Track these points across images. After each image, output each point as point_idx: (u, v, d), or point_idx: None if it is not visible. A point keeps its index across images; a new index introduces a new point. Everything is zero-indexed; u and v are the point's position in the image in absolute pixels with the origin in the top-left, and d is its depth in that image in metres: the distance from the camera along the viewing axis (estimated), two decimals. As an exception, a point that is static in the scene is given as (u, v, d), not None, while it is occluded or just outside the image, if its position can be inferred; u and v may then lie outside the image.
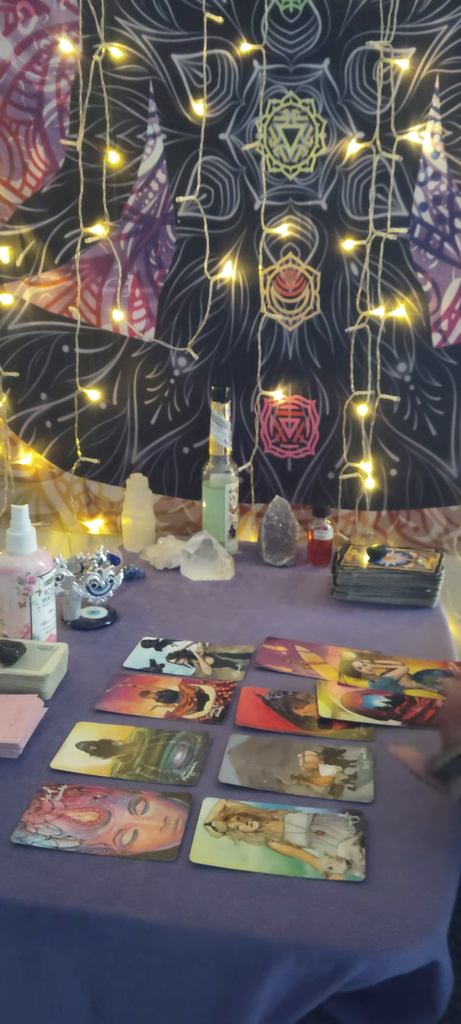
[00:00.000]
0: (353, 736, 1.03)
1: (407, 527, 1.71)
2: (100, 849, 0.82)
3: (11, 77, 1.66)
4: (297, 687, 1.14)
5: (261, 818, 0.87)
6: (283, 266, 1.66)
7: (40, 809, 0.88)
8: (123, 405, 1.76)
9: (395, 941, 0.72)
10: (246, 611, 1.39)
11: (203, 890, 0.77)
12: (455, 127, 1.55)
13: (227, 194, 1.64)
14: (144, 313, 1.72)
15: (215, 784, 0.93)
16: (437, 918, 0.75)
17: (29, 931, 0.76)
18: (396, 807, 0.90)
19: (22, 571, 1.17)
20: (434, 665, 1.21)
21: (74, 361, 1.75)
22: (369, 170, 1.59)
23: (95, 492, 1.81)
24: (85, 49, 1.62)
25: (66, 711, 1.07)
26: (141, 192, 1.67)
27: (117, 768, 0.96)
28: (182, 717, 1.07)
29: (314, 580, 1.54)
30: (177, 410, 1.74)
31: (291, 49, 1.57)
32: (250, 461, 1.74)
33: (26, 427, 1.80)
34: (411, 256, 1.61)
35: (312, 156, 1.61)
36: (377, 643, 1.28)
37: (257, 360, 1.69)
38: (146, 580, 1.53)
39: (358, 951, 0.71)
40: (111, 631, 1.32)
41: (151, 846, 0.83)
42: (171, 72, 1.61)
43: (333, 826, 0.86)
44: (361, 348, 1.66)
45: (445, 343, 1.63)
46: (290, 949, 0.72)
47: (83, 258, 1.71)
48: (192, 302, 1.70)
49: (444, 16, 1.52)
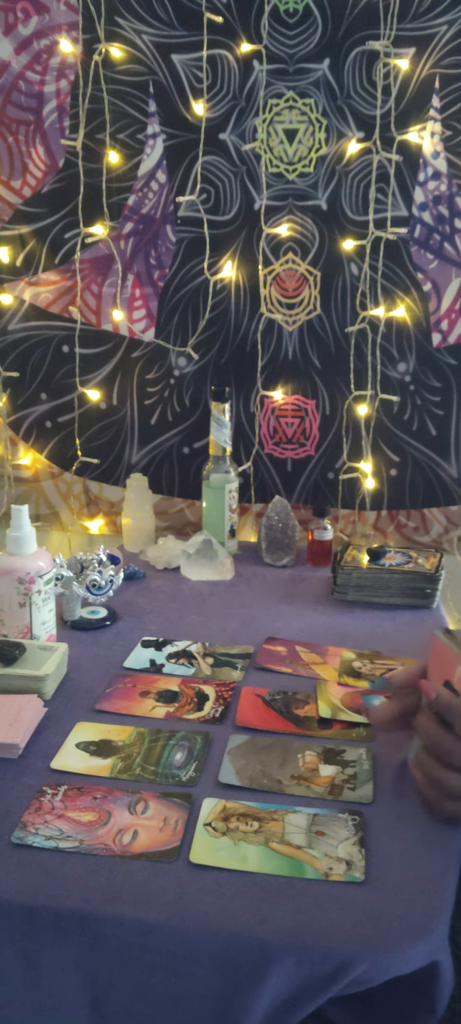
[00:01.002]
0: (353, 736, 1.03)
1: (407, 527, 1.71)
2: (100, 849, 0.82)
3: (11, 77, 1.66)
4: (297, 687, 1.14)
5: (261, 818, 0.87)
6: (283, 266, 1.66)
7: (40, 809, 0.88)
8: (123, 405, 1.76)
9: (395, 941, 0.72)
10: (246, 611, 1.39)
11: (203, 890, 0.77)
12: (455, 127, 1.56)
13: (227, 194, 1.64)
14: (144, 313, 1.72)
15: (215, 784, 0.93)
16: (437, 918, 0.75)
17: (29, 931, 0.76)
18: (396, 807, 0.90)
19: (22, 571, 1.17)
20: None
21: (74, 361, 1.75)
22: (369, 170, 1.59)
23: (95, 492, 1.81)
24: (85, 49, 1.62)
25: (66, 711, 1.07)
26: (141, 192, 1.67)
27: (117, 768, 0.96)
28: (182, 717, 1.07)
29: (314, 580, 1.54)
30: (177, 410, 1.74)
31: (291, 49, 1.57)
32: (250, 461, 1.74)
33: (26, 427, 1.80)
34: (411, 256, 1.61)
35: (312, 156, 1.61)
36: (377, 643, 1.28)
37: (257, 360, 1.69)
38: (146, 580, 1.53)
39: (359, 951, 0.71)
40: (111, 631, 1.32)
41: (151, 846, 0.83)
42: (171, 72, 1.61)
43: (333, 826, 0.86)
44: (361, 348, 1.66)
45: (445, 343, 1.63)
46: (290, 949, 0.72)
47: (83, 258, 1.71)
48: (192, 302, 1.70)
49: (444, 16, 1.52)
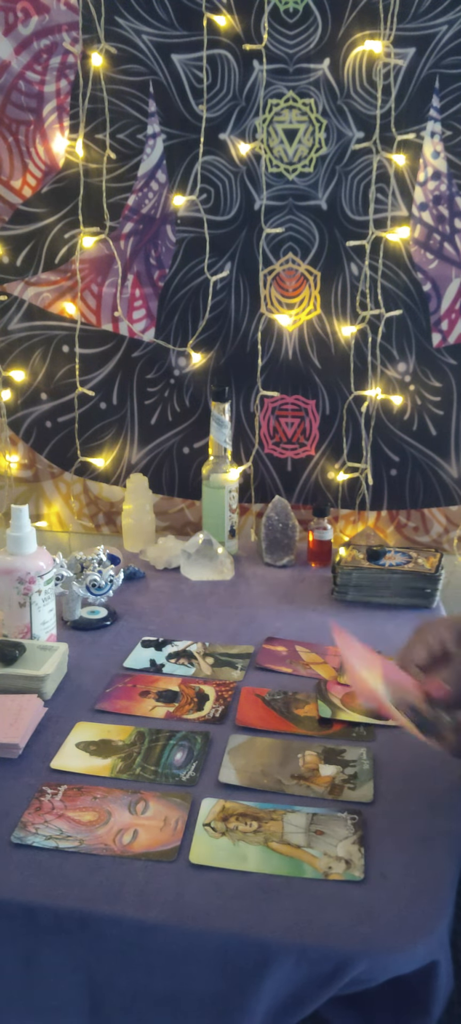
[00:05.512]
0: (353, 736, 1.03)
1: (407, 527, 1.71)
2: (100, 849, 0.83)
3: (11, 77, 1.66)
4: (297, 687, 1.14)
5: (260, 818, 0.87)
6: (283, 266, 1.66)
7: (40, 809, 0.88)
8: (123, 405, 1.76)
9: (395, 941, 0.72)
10: (246, 611, 1.40)
11: (203, 890, 0.77)
12: (455, 127, 1.55)
13: (227, 194, 1.64)
14: (144, 313, 1.72)
15: (215, 784, 0.93)
16: (437, 918, 0.75)
17: (29, 931, 0.76)
18: (396, 807, 0.90)
19: (22, 571, 1.17)
20: (434, 665, 1.20)
21: (74, 361, 1.75)
22: (369, 170, 1.59)
23: (95, 492, 1.81)
24: (85, 49, 1.62)
25: (66, 711, 1.07)
26: (141, 192, 1.67)
27: (117, 768, 0.96)
28: (182, 717, 1.07)
29: (314, 580, 1.54)
30: (177, 410, 1.74)
31: (291, 49, 1.57)
32: (250, 461, 1.74)
33: (26, 427, 1.81)
34: (411, 256, 1.61)
35: (312, 156, 1.61)
36: (377, 643, 1.27)
37: (257, 360, 1.69)
38: (146, 580, 1.54)
39: (358, 951, 0.71)
40: (111, 631, 1.32)
41: (151, 846, 0.83)
42: (171, 72, 1.61)
43: (332, 826, 0.86)
44: (361, 348, 1.66)
45: (445, 343, 1.63)
46: (290, 949, 0.72)
47: (83, 258, 1.71)
48: (192, 302, 1.70)
49: (444, 16, 1.52)
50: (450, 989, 0.75)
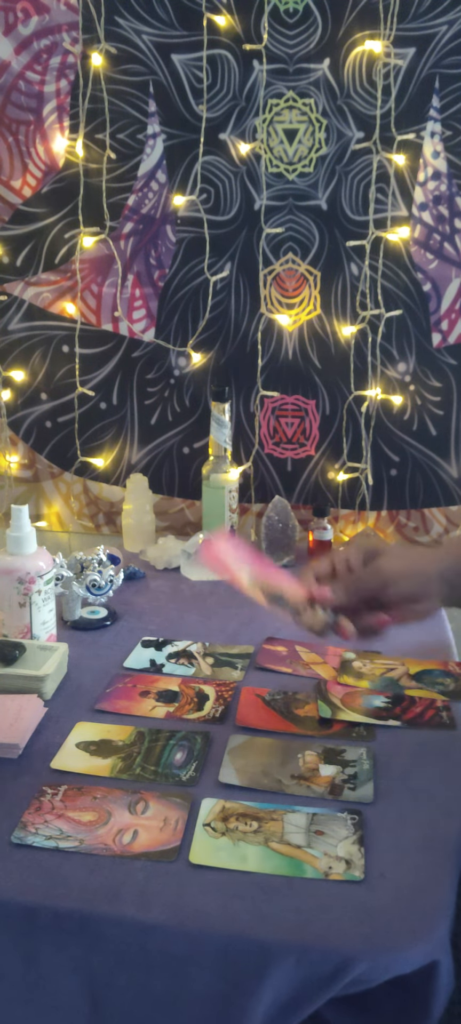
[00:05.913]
0: (353, 736, 1.03)
1: (407, 527, 1.71)
2: (100, 849, 0.82)
3: (11, 77, 1.66)
4: (297, 687, 1.14)
5: (260, 818, 0.87)
6: (283, 266, 1.66)
7: (40, 809, 0.88)
8: (123, 405, 1.76)
9: (395, 941, 0.72)
10: (246, 611, 1.39)
11: (203, 890, 0.77)
12: (455, 127, 1.56)
13: (227, 194, 1.64)
14: (144, 313, 1.72)
15: (215, 784, 0.93)
16: (437, 918, 0.75)
17: (29, 931, 0.76)
18: (396, 807, 0.90)
19: (22, 571, 1.17)
20: (434, 665, 1.21)
21: (74, 361, 1.75)
22: (369, 170, 1.59)
23: (95, 492, 1.81)
24: (85, 49, 1.62)
25: (66, 711, 1.07)
26: (141, 192, 1.67)
27: (117, 768, 0.96)
28: (182, 717, 1.07)
29: (314, 580, 1.54)
30: (177, 410, 1.74)
31: (291, 49, 1.57)
32: (250, 461, 1.74)
33: (26, 427, 1.81)
34: (411, 256, 1.61)
35: (312, 156, 1.61)
36: (377, 643, 1.27)
37: (257, 360, 1.69)
38: (146, 580, 1.53)
39: (359, 951, 0.71)
40: (111, 631, 1.32)
41: (151, 846, 0.83)
42: (171, 72, 1.61)
43: (332, 825, 0.86)
44: (361, 348, 1.66)
45: (445, 343, 1.63)
46: (290, 949, 0.72)
47: (83, 258, 1.71)
48: (192, 302, 1.70)
49: (444, 16, 1.52)
50: (450, 989, 0.75)
